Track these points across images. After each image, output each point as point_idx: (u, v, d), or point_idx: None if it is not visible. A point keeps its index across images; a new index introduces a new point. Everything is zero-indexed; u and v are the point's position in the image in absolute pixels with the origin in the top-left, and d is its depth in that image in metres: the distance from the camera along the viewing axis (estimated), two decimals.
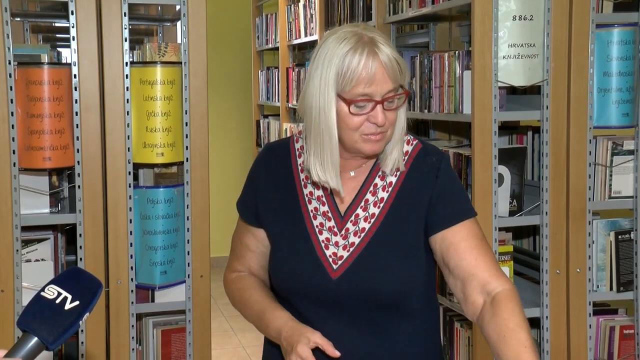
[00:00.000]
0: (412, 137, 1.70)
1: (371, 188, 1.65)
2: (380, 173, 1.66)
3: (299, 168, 1.68)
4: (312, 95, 1.57)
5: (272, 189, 1.69)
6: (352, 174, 1.66)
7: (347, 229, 1.63)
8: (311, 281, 1.62)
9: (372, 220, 1.63)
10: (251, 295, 1.72)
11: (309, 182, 1.66)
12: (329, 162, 1.58)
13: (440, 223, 1.61)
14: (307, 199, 1.66)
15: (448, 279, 1.63)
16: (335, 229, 1.63)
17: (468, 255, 1.58)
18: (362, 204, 1.64)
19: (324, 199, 1.65)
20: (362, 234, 1.62)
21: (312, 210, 1.65)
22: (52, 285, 1.09)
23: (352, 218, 1.63)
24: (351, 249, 1.62)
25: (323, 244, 1.63)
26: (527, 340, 1.48)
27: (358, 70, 1.52)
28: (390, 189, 1.64)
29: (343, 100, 1.54)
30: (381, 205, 1.63)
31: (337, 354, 1.53)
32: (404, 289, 1.61)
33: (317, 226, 1.64)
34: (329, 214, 1.64)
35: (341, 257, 1.62)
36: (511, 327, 1.49)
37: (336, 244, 1.63)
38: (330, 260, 1.62)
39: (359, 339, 1.62)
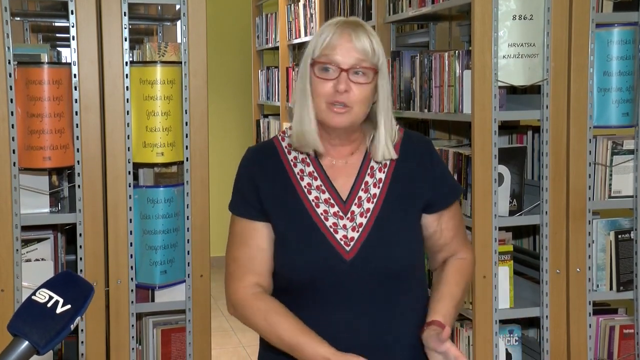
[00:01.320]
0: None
1: (368, 171, 1.75)
2: (372, 154, 1.75)
3: (292, 163, 1.74)
4: (300, 67, 1.73)
5: (270, 185, 1.72)
6: (346, 162, 1.75)
7: (353, 212, 1.71)
8: (327, 267, 1.66)
9: (375, 200, 1.72)
10: (280, 321, 1.66)
11: (304, 174, 1.73)
12: (308, 122, 1.68)
13: (442, 201, 1.78)
14: (305, 190, 1.72)
15: (427, 246, 1.84)
16: (341, 213, 1.71)
17: (452, 232, 1.81)
18: (363, 186, 1.73)
19: (323, 187, 1.72)
20: (368, 214, 1.71)
21: (313, 200, 1.71)
22: (44, 289, 1.08)
23: (356, 201, 1.72)
24: (360, 229, 1.69)
25: (332, 229, 1.69)
26: (456, 294, 1.74)
27: (330, 37, 1.67)
28: (386, 169, 1.75)
29: (313, 62, 1.68)
30: (380, 185, 1.74)
31: None
32: (412, 261, 1.73)
33: (321, 214, 1.70)
34: (331, 200, 1.71)
35: (352, 238, 1.69)
36: (449, 280, 1.77)
37: (344, 227, 1.69)
38: (342, 243, 1.68)
39: (364, 322, 1.67)
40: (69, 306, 1.07)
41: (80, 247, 2.71)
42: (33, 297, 1.07)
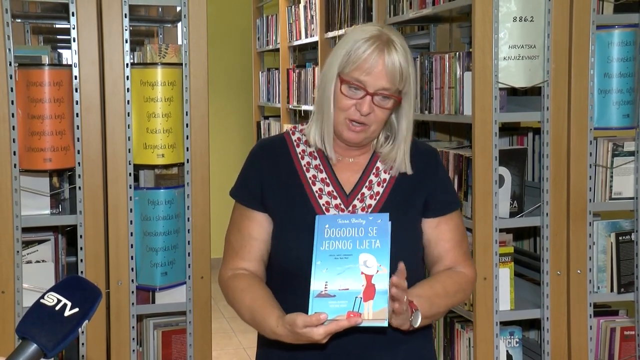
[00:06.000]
0: None
1: (374, 170, 1.79)
2: (381, 159, 1.80)
3: (299, 156, 1.79)
4: (325, 68, 1.74)
5: (275, 175, 1.77)
6: (352, 160, 1.79)
7: (355, 206, 1.75)
8: None
9: (378, 197, 1.76)
10: (243, 297, 1.69)
11: (311, 166, 1.78)
12: (326, 129, 1.73)
13: (440, 209, 1.79)
14: (310, 181, 1.76)
15: (424, 257, 1.83)
16: (342, 206, 1.74)
17: (448, 244, 1.79)
18: (367, 183, 1.77)
19: (327, 180, 1.77)
20: (370, 210, 1.75)
21: (317, 191, 1.75)
22: (52, 293, 1.09)
23: (359, 196, 1.76)
24: None
25: None
26: (441, 297, 1.69)
27: (362, 57, 1.66)
28: (391, 171, 1.78)
29: (340, 79, 1.69)
30: (384, 185, 1.77)
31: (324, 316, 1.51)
32: (412, 259, 1.72)
33: (323, 204, 1.74)
34: (334, 193, 1.76)
35: None
36: (436, 279, 1.74)
37: None
38: None
39: None
40: (77, 309, 1.07)
41: (81, 248, 2.71)
42: (41, 300, 1.08)
